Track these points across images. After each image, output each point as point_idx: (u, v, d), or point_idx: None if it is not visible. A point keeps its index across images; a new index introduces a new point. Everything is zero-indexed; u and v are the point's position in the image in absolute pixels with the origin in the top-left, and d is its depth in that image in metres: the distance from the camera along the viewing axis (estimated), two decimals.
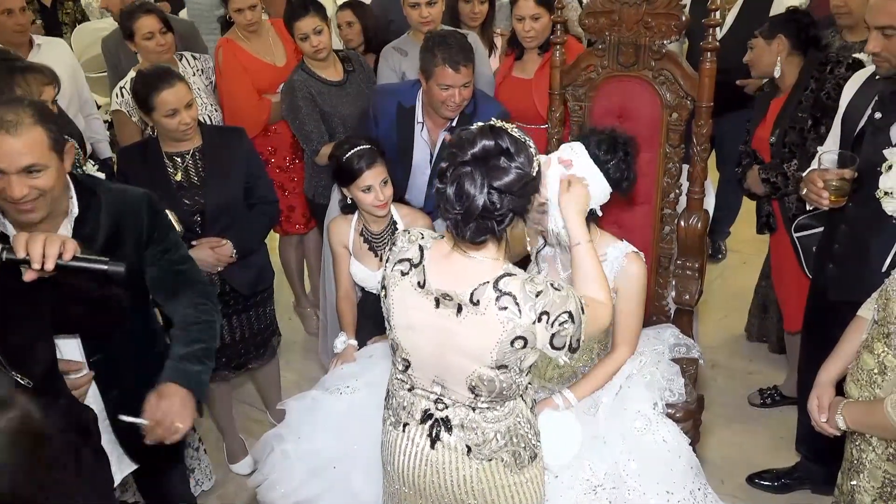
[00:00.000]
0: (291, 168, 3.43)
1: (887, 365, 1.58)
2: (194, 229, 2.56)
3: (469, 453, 1.60)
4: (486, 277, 1.49)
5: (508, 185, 1.40)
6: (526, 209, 1.48)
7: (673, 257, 2.42)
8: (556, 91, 2.48)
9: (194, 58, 3.31)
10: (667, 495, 1.87)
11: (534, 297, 1.46)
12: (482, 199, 1.39)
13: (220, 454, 3.04)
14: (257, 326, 2.84)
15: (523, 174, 1.42)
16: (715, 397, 3.18)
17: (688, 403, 2.10)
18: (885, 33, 1.79)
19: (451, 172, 1.42)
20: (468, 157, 1.41)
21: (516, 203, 1.43)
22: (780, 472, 2.70)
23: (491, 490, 1.61)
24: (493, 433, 1.59)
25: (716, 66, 2.14)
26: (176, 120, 2.42)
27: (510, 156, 1.41)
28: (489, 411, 1.58)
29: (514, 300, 1.46)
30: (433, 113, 2.68)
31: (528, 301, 1.46)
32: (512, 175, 1.40)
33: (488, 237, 1.46)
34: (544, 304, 1.46)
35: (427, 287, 1.54)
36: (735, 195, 4.15)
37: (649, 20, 2.24)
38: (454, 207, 1.41)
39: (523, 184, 1.42)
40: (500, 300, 1.47)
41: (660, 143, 2.34)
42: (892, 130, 1.88)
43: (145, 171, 2.52)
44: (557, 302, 1.47)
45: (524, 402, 1.63)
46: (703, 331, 3.58)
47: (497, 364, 1.50)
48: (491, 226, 1.42)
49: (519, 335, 1.47)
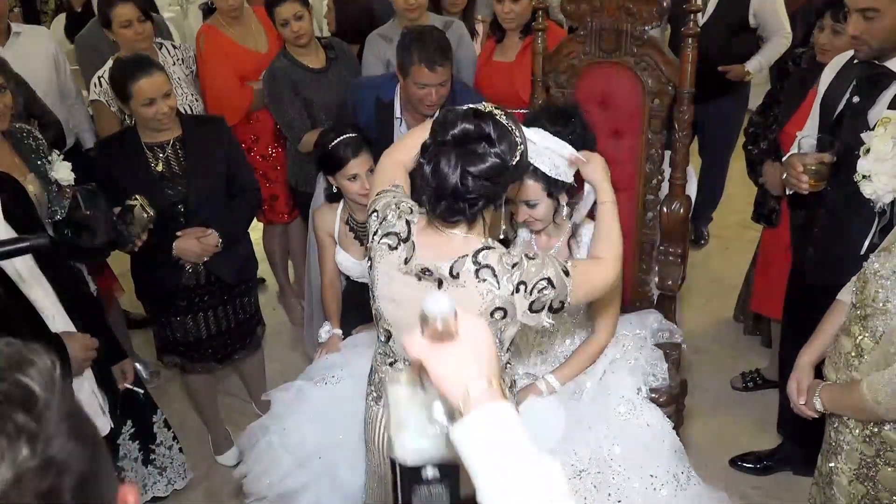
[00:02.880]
0: (274, 156, 3.42)
1: (864, 348, 1.60)
2: (178, 220, 2.54)
3: None
4: (465, 251, 1.51)
5: (483, 171, 1.42)
6: (499, 196, 1.50)
7: (656, 243, 2.43)
8: (539, 77, 2.47)
9: (174, 47, 3.28)
10: (650, 479, 1.89)
11: (510, 268, 1.49)
12: (454, 181, 1.41)
13: (206, 446, 3.04)
14: (242, 316, 2.83)
15: (500, 163, 1.43)
16: (698, 381, 3.21)
17: (671, 388, 2.12)
18: (866, 15, 1.80)
19: (430, 150, 1.45)
20: (448, 137, 1.43)
21: (489, 190, 1.44)
22: (761, 454, 2.74)
23: None
24: None
25: (697, 52, 2.15)
26: (153, 109, 2.40)
27: (491, 142, 1.42)
28: None
29: (493, 272, 1.48)
30: (412, 108, 2.67)
31: (506, 273, 1.48)
32: (488, 162, 1.42)
33: (460, 218, 1.48)
34: (520, 275, 1.49)
35: (410, 263, 1.55)
36: (718, 181, 4.20)
37: (630, 6, 2.24)
38: (428, 184, 1.44)
39: (498, 172, 1.44)
40: (480, 273, 1.49)
41: (642, 129, 2.34)
42: (870, 114, 1.90)
43: (125, 162, 2.50)
44: (533, 271, 1.49)
45: (503, 381, 1.64)
46: (686, 316, 3.61)
47: None
48: (462, 207, 1.45)
49: (498, 306, 1.49)
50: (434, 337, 0.90)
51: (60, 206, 2.37)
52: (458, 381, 0.89)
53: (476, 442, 0.85)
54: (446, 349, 0.90)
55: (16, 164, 2.26)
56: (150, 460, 2.72)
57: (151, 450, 2.72)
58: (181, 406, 3.25)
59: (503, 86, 2.97)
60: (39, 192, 2.30)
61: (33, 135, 2.38)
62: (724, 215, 4.39)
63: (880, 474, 1.63)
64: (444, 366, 0.90)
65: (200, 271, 2.62)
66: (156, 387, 3.44)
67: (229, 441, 3.00)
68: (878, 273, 1.58)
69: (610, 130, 2.38)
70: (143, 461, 2.70)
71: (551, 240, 2.11)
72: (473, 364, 0.89)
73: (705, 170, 4.18)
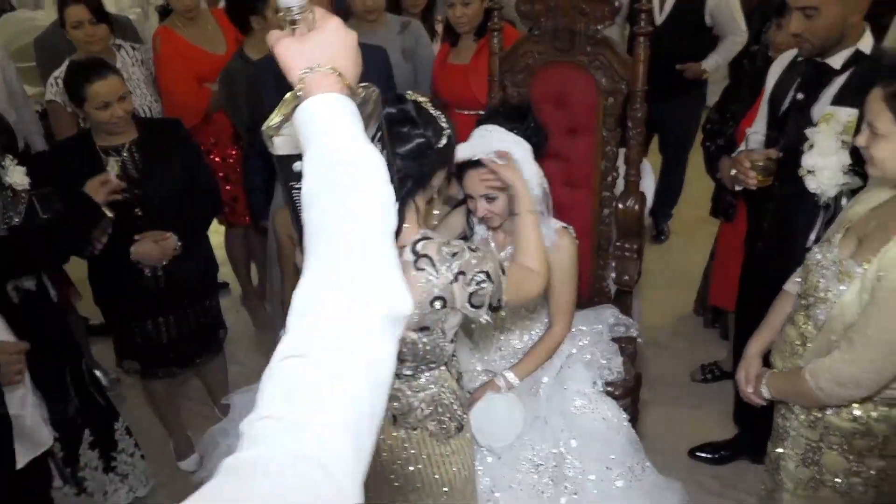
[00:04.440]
0: (234, 158, 3.39)
1: (808, 336, 1.65)
2: (136, 223, 2.51)
3: (394, 422, 1.63)
4: (403, 242, 1.52)
5: (408, 151, 1.46)
6: (426, 178, 1.53)
7: (612, 239, 2.47)
8: (496, 77, 2.49)
9: (133, 48, 3.24)
10: (606, 471, 1.92)
11: (450, 257, 1.50)
12: None
13: (168, 452, 3.01)
14: (203, 320, 2.81)
15: (425, 142, 1.48)
16: (659, 375, 3.27)
17: (626, 381, 2.16)
18: (806, 13, 1.85)
19: None
20: None
21: (415, 169, 1.48)
22: (719, 444, 2.79)
23: (417, 459, 1.65)
24: (417, 402, 1.62)
25: (651, 51, 2.18)
26: (108, 112, 2.37)
27: (415, 124, 1.47)
28: (413, 379, 1.61)
29: (431, 262, 1.49)
30: None
31: (445, 262, 1.50)
32: (412, 142, 1.46)
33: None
34: (460, 265, 1.50)
35: None
36: (677, 178, 4.27)
37: (584, 6, 2.27)
38: None
39: (423, 152, 1.48)
40: (418, 262, 1.50)
41: (597, 127, 2.38)
42: (814, 110, 1.95)
43: (81, 166, 2.46)
44: (473, 262, 1.51)
45: (450, 373, 1.66)
46: (647, 310, 3.66)
47: (419, 326, 1.53)
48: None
49: (437, 295, 1.50)
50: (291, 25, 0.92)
51: (16, 212, 2.33)
52: (299, 64, 0.91)
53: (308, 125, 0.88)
54: (300, 39, 0.92)
55: None
56: (111, 468, 2.69)
57: (113, 457, 2.69)
58: (142, 412, 3.21)
59: (459, 88, 2.99)
60: None
61: None
62: (684, 211, 4.46)
63: (824, 458, 1.68)
64: (289, 51, 0.92)
65: (159, 275, 2.59)
66: (117, 394, 3.40)
67: (191, 446, 2.97)
68: (819, 263, 1.63)
69: (565, 129, 2.42)
70: (104, 469, 2.67)
71: (508, 237, 2.13)
72: (318, 53, 0.90)
73: (665, 167, 4.26)
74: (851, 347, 1.49)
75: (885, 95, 1.40)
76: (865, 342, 1.46)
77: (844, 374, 1.51)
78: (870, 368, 1.47)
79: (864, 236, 1.55)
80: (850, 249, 1.58)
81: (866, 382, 1.50)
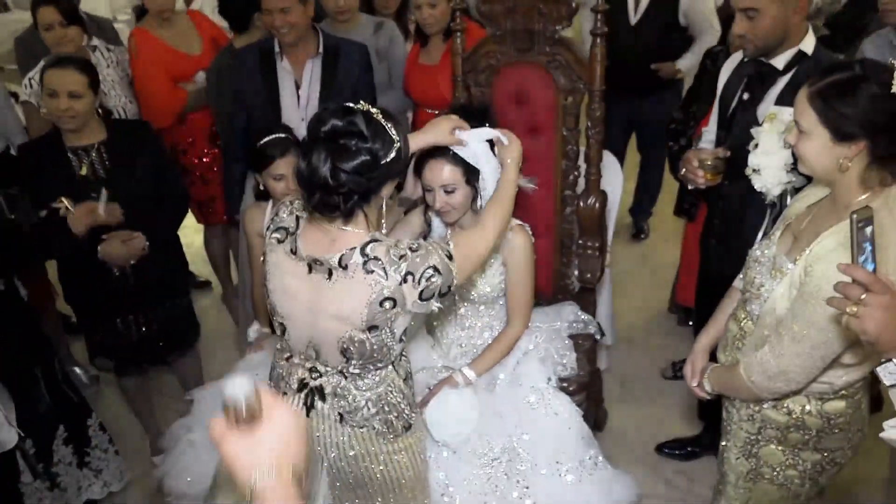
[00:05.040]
0: (210, 158, 3.42)
1: (746, 331, 1.68)
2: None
3: (342, 421, 1.66)
4: (353, 243, 1.56)
5: (353, 167, 1.47)
6: (374, 191, 1.54)
7: (575, 237, 2.50)
8: (459, 77, 2.52)
9: (108, 49, 3.28)
10: (556, 465, 1.95)
11: (397, 259, 1.54)
12: (324, 175, 1.46)
13: (145, 447, 3.04)
14: (173, 319, 2.83)
15: (371, 159, 1.48)
16: (630, 371, 3.30)
17: (580, 377, 2.19)
18: (748, 15, 1.88)
19: (305, 145, 1.51)
20: (320, 133, 1.48)
21: (362, 185, 1.49)
22: (685, 440, 2.82)
23: (364, 457, 1.68)
24: (363, 401, 1.65)
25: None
26: (54, 103, 2.39)
27: (363, 138, 1.48)
28: (360, 379, 1.64)
29: (381, 264, 1.53)
30: (296, 50, 2.81)
31: (393, 264, 1.53)
32: (358, 159, 1.47)
33: (337, 213, 1.52)
34: (407, 266, 1.54)
35: (299, 254, 1.60)
36: (655, 176, 4.29)
37: (542, 7, 2.30)
38: (302, 177, 1.50)
39: (370, 167, 1.48)
40: (367, 264, 1.53)
41: (556, 126, 2.41)
42: (759, 110, 1.98)
43: (48, 165, 2.49)
44: (418, 261, 1.55)
45: (397, 372, 1.69)
46: (622, 308, 3.70)
47: (367, 325, 1.56)
48: (336, 201, 1.49)
49: (387, 296, 1.53)
50: (237, 420, 0.87)
51: None
52: (247, 469, 0.87)
53: None
54: (244, 433, 0.87)
55: None
56: (84, 463, 2.73)
57: (86, 453, 2.72)
58: (120, 409, 3.25)
59: (429, 88, 3.03)
60: None
61: None
62: (663, 209, 4.48)
63: (762, 451, 1.71)
64: (236, 451, 0.88)
65: (128, 274, 2.62)
66: (96, 390, 3.45)
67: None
68: (758, 259, 1.66)
69: (527, 127, 2.44)
70: (78, 464, 2.71)
71: None
72: (266, 452, 0.87)
73: (644, 165, 4.28)
74: (780, 342, 1.51)
75: (809, 94, 1.43)
76: (792, 336, 1.48)
77: (773, 368, 1.54)
78: (797, 363, 1.49)
79: (799, 233, 1.58)
80: (786, 246, 1.61)
81: (794, 376, 1.52)
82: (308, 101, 2.88)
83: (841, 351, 1.48)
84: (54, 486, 2.65)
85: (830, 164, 1.45)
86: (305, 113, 2.88)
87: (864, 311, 1.09)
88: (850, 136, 1.40)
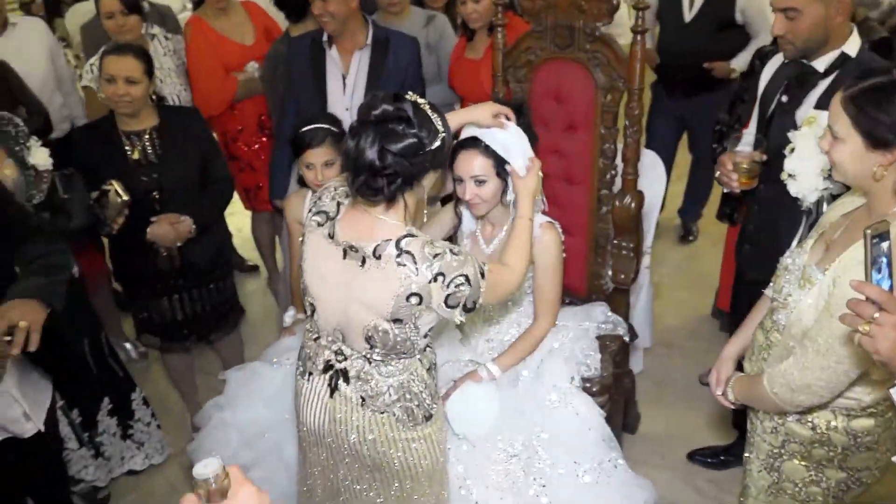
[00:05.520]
0: (258, 146, 3.51)
1: (773, 341, 1.63)
2: (153, 206, 2.64)
3: (363, 404, 1.69)
4: (389, 235, 1.59)
5: (400, 149, 1.51)
6: (417, 177, 1.58)
7: (610, 237, 2.47)
8: (499, 73, 2.52)
9: (166, 38, 3.38)
10: (574, 465, 1.94)
11: (431, 258, 1.56)
12: (372, 157, 1.50)
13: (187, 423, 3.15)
14: (217, 300, 2.92)
15: (418, 143, 1.52)
16: (667, 375, 3.24)
17: (604, 378, 2.16)
18: (788, 15, 1.82)
19: (354, 128, 1.55)
20: (371, 117, 1.52)
21: (406, 168, 1.53)
22: (717, 448, 2.76)
23: (383, 442, 1.70)
24: (385, 387, 1.67)
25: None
26: (111, 88, 2.49)
27: (410, 124, 1.52)
28: (383, 365, 1.67)
29: (413, 259, 1.56)
30: (343, 40, 2.84)
31: (426, 261, 1.55)
32: (405, 141, 1.51)
33: (380, 197, 1.55)
34: (441, 266, 1.55)
35: (336, 238, 1.64)
36: (706, 177, 4.18)
37: (583, 3, 2.28)
38: (349, 158, 1.53)
39: (415, 151, 1.52)
40: (400, 257, 1.56)
41: (594, 124, 2.38)
42: (798, 113, 1.91)
43: (102, 148, 2.59)
44: (454, 265, 1.56)
45: (421, 363, 1.71)
46: (664, 311, 3.64)
47: (392, 317, 1.58)
48: (380, 184, 1.52)
49: (414, 291, 1.56)
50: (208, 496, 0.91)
51: (39, 190, 2.48)
52: None
53: None
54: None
55: None
56: (128, 435, 2.86)
57: (129, 425, 2.85)
58: (165, 385, 3.37)
59: (472, 83, 3.03)
60: (17, 176, 2.41)
61: (13, 122, 2.49)
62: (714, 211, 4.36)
63: (785, 465, 1.66)
64: None
65: (175, 256, 2.71)
66: (144, 366, 3.59)
67: None
68: (787, 268, 1.61)
69: (565, 125, 2.43)
70: (122, 436, 2.84)
71: (495, 228, 2.16)
72: None
73: (694, 166, 4.18)
74: (804, 354, 1.47)
75: (843, 99, 1.38)
76: (817, 349, 1.43)
77: (797, 381, 1.49)
78: (821, 376, 1.45)
79: (832, 243, 1.53)
80: (818, 255, 1.56)
81: (818, 390, 1.47)
82: (354, 92, 2.92)
83: (867, 367, 1.43)
84: (98, 455, 2.78)
85: (864, 171, 1.40)
86: (351, 103, 2.92)
87: (877, 330, 1.06)
88: (884, 143, 1.35)
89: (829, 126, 1.42)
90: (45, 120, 3.10)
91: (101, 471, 2.78)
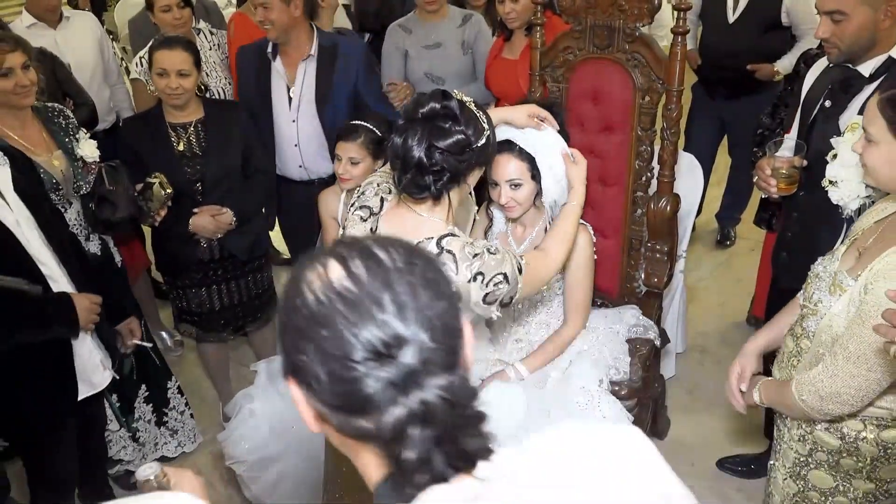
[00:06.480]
0: None
1: (803, 348, 1.60)
2: (195, 197, 2.70)
3: None
4: (431, 233, 1.60)
5: (448, 145, 1.52)
6: (463, 174, 1.59)
7: (644, 239, 2.45)
8: (536, 72, 2.52)
9: (212, 32, 3.45)
10: None
11: (471, 258, 1.57)
12: (419, 153, 1.51)
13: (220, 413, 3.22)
14: (254, 291, 2.97)
15: (465, 139, 1.54)
16: (699, 381, 3.20)
17: (633, 382, 2.15)
18: (834, 18, 1.78)
19: (401, 126, 1.57)
20: (419, 115, 1.54)
21: (453, 164, 1.54)
22: (747, 457, 2.72)
23: None
24: None
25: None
26: (164, 81, 2.55)
27: (457, 121, 1.53)
28: None
29: (454, 258, 1.57)
30: (289, 50, 2.84)
31: (466, 261, 1.57)
32: (453, 138, 1.52)
33: (426, 194, 1.56)
34: (480, 266, 1.57)
35: (378, 234, 1.65)
36: (746, 181, 4.11)
37: (623, 3, 2.26)
38: (397, 156, 1.55)
39: (463, 148, 1.54)
40: (441, 256, 1.57)
41: (632, 125, 2.36)
42: (842, 119, 1.87)
43: (149, 140, 2.66)
44: (492, 265, 1.57)
45: None
46: (698, 316, 3.60)
47: None
48: (427, 182, 1.53)
49: None
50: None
51: (85, 181, 2.56)
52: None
53: None
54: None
55: (44, 140, 2.46)
56: (162, 422, 2.93)
57: (164, 413, 2.92)
58: (199, 374, 3.44)
59: (508, 83, 3.02)
60: (66, 167, 2.49)
61: (64, 114, 2.57)
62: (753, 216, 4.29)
63: (811, 474, 1.63)
64: None
65: (214, 246, 2.77)
66: (179, 355, 3.67)
67: None
68: (818, 275, 1.59)
69: (601, 125, 2.42)
70: (157, 423, 2.91)
71: (527, 230, 2.16)
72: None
73: (733, 169, 4.12)
74: (834, 361, 1.44)
75: (880, 101, 1.35)
76: (847, 356, 1.41)
77: (826, 388, 1.47)
78: (851, 384, 1.42)
79: (864, 250, 1.50)
80: (850, 262, 1.53)
81: (848, 398, 1.45)
82: (300, 104, 2.92)
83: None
84: (134, 440, 2.86)
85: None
86: (297, 115, 2.93)
87: None
88: None
89: (864, 128, 1.39)
90: (91, 112, 3.19)
91: (135, 454, 2.86)
